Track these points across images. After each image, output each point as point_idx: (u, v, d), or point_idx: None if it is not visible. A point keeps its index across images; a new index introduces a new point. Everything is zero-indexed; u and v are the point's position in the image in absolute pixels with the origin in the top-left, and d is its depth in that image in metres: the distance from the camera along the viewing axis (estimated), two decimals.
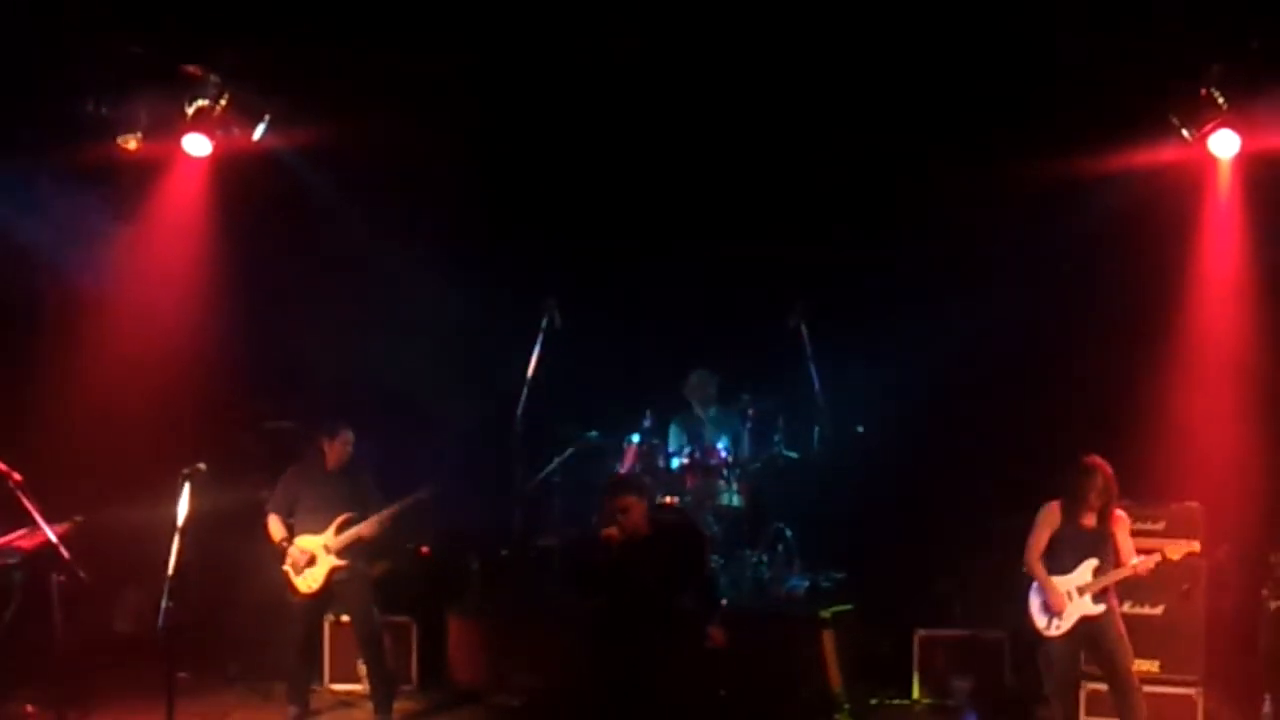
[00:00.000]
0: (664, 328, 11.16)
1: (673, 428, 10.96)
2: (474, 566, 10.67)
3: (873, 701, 9.55)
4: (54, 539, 8.08)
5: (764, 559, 10.55)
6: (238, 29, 9.48)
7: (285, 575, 8.97)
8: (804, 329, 10.70)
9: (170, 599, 7.25)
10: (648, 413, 10.73)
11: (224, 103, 9.84)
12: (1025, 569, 8.13)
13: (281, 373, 11.02)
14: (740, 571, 10.37)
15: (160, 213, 10.61)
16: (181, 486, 7.41)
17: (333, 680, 9.85)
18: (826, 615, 9.67)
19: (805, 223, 10.96)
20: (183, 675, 8.36)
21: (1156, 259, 10.10)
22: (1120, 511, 8.08)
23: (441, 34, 9.71)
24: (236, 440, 10.68)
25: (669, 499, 10.32)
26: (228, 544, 9.71)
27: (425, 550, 10.54)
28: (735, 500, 10.61)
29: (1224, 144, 9.41)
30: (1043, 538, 8.10)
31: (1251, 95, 9.12)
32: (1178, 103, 9.43)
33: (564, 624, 9.30)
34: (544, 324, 10.80)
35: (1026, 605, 8.14)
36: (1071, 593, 7.98)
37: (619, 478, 9.80)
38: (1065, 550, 8.05)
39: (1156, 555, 7.96)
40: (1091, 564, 7.99)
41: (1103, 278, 10.38)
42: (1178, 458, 9.47)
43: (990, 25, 9.36)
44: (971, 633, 9.54)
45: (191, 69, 9.74)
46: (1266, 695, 8.68)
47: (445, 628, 10.13)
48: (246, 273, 10.82)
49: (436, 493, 9.09)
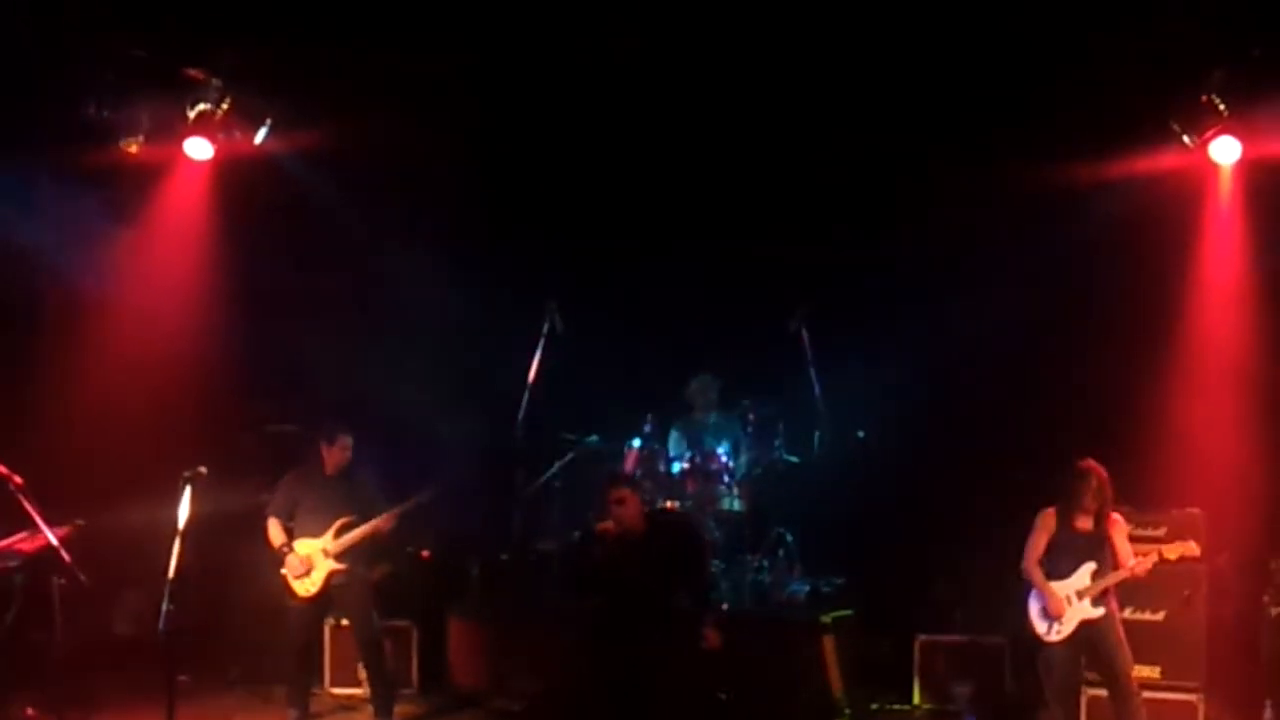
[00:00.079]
0: (665, 332, 11.15)
1: (673, 432, 10.95)
2: (474, 570, 10.67)
3: (873, 706, 9.55)
4: (55, 542, 8.08)
5: (765, 564, 10.54)
6: (238, 30, 9.47)
7: (283, 579, 8.97)
8: (804, 333, 10.71)
9: (171, 602, 7.22)
10: (648, 417, 10.72)
11: (225, 106, 9.85)
12: (1023, 575, 8.13)
13: (282, 376, 11.00)
14: (741, 576, 10.35)
15: (162, 216, 10.61)
16: (182, 489, 7.38)
17: (333, 684, 9.86)
18: (827, 620, 9.66)
19: (805, 223, 10.95)
20: (183, 678, 8.31)
21: (1157, 265, 10.07)
22: (1117, 514, 8.08)
23: (441, 34, 9.70)
24: (237, 443, 10.66)
25: (670, 503, 10.32)
26: (229, 547, 9.71)
27: (426, 554, 10.54)
28: (736, 505, 10.60)
29: (1225, 150, 9.41)
30: (1040, 543, 8.10)
31: (1252, 102, 9.12)
32: (1179, 109, 9.42)
33: (564, 627, 9.30)
34: (545, 327, 10.81)
35: (1027, 611, 8.13)
36: (1071, 597, 7.97)
37: (616, 472, 9.82)
38: (1063, 555, 8.04)
39: (1154, 555, 7.96)
40: (1089, 567, 7.98)
41: (1104, 283, 10.34)
42: (1179, 464, 9.45)
43: (991, 27, 9.35)
44: (972, 638, 9.54)
45: (193, 72, 9.74)
46: (1267, 701, 8.68)
47: (446, 631, 10.15)
48: (247, 276, 10.81)
49: (437, 495, 9.11)
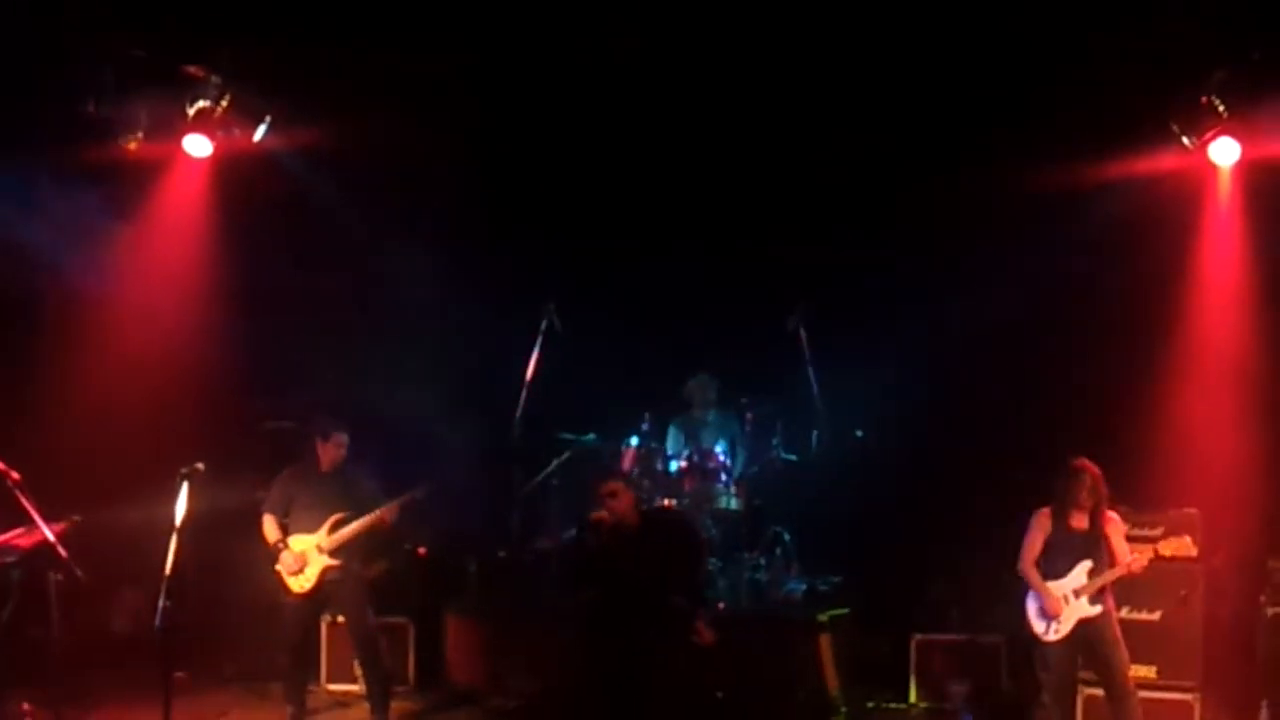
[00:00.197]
0: (663, 331, 11.16)
1: (671, 430, 10.97)
2: (471, 568, 10.70)
3: (869, 705, 9.55)
4: (52, 538, 8.08)
5: (762, 562, 10.55)
6: (238, 29, 9.48)
7: (278, 575, 8.97)
8: (803, 332, 10.72)
9: (168, 598, 7.23)
10: (646, 415, 10.73)
11: (225, 104, 9.85)
12: (1020, 575, 8.13)
13: (280, 373, 11.01)
14: (738, 575, 10.35)
15: (161, 213, 10.61)
16: (180, 486, 7.39)
17: (329, 680, 9.89)
18: (824, 619, 9.67)
19: (804, 222, 10.96)
20: (180, 675, 8.29)
21: (1157, 265, 10.08)
22: (1112, 512, 8.07)
23: (441, 34, 9.71)
24: (235, 440, 10.66)
25: (667, 502, 10.33)
26: (226, 544, 9.68)
27: (423, 551, 10.55)
28: (733, 503, 10.60)
29: (1224, 152, 9.42)
30: (1036, 543, 8.10)
31: (1252, 103, 9.12)
32: (1178, 110, 9.43)
33: (561, 625, 9.31)
34: (543, 327, 10.81)
35: (1024, 610, 8.12)
36: (1068, 596, 7.97)
37: (607, 465, 9.84)
38: (1059, 554, 8.04)
39: (1149, 551, 7.96)
40: (1085, 566, 7.98)
41: (1104, 283, 10.35)
42: (1177, 464, 9.45)
43: (991, 27, 9.36)
44: (968, 637, 9.55)
45: (193, 70, 9.75)
46: (1264, 701, 8.67)
47: (443, 628, 10.16)
48: (246, 273, 10.81)
49: (433, 492, 9.09)
